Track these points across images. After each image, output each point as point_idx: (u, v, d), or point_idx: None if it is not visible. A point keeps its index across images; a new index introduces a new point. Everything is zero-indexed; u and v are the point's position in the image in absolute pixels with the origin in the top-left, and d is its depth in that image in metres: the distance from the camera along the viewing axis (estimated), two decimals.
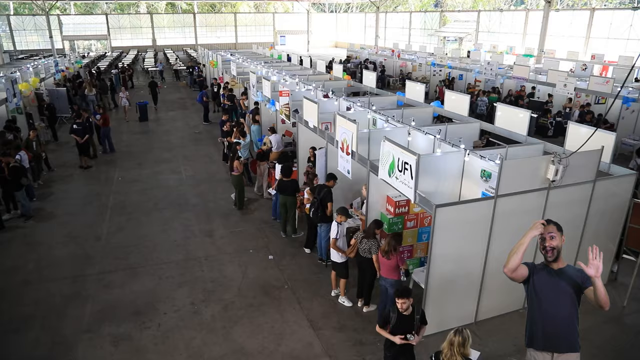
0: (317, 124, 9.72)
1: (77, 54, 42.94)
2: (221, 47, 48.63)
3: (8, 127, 13.95)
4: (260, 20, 70.50)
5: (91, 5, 63.56)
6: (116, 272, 8.73)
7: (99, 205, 11.86)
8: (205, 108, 20.90)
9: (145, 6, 66.05)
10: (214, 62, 24.84)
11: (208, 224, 10.66)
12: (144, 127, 20.60)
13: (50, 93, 20.61)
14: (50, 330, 7.14)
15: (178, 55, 50.11)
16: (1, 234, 10.38)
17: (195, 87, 29.85)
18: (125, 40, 64.11)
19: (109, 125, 16.36)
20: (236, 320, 7.30)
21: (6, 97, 14.75)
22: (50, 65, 24.41)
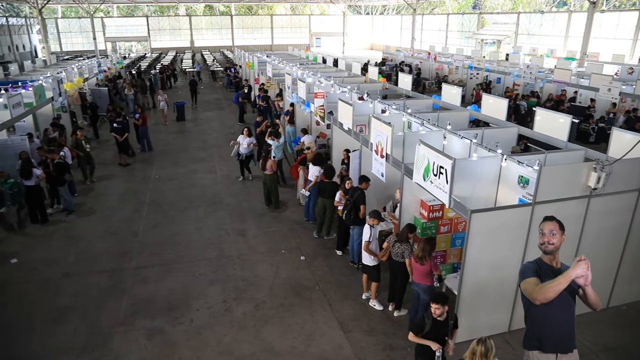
0: (352, 126, 9.71)
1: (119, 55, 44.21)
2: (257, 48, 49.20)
3: (54, 125, 14.53)
4: (296, 22, 70.92)
5: (133, 7, 65.38)
6: (151, 267, 8.95)
7: (136, 202, 12.18)
8: (240, 108, 21.20)
9: (184, 8, 67.44)
10: (250, 64, 25.13)
11: (241, 223, 10.79)
12: (181, 126, 21.05)
13: (93, 92, 21.33)
14: (88, 322, 7.38)
15: (215, 56, 50.94)
16: (45, 227, 10.81)
17: (231, 87, 30.29)
18: (165, 41, 65.62)
19: (147, 125, 16.78)
20: (267, 319, 7.36)
21: (52, 96, 15.33)
22: (94, 66, 25.25)
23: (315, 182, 10.24)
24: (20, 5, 54.22)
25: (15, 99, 12.39)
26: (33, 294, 8.19)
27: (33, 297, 8.08)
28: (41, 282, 8.53)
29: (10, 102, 12.01)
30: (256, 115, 17.61)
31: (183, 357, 6.56)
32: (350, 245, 8.84)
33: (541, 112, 8.95)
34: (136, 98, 23.60)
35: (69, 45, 61.42)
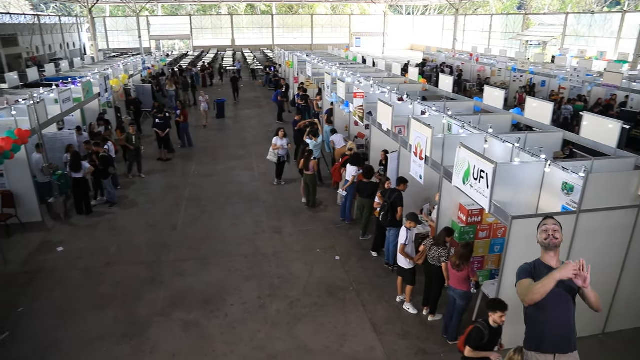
0: (391, 127, 9.64)
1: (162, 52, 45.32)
2: (297, 47, 49.45)
3: (99, 119, 15.04)
4: (337, 22, 70.94)
5: (177, 7, 66.93)
6: (189, 261, 9.14)
7: (175, 196, 12.47)
8: (279, 107, 21.39)
9: (226, 8, 68.56)
10: (290, 63, 25.30)
11: (278, 221, 10.89)
12: (220, 123, 21.41)
13: (137, 89, 21.96)
14: (128, 311, 7.61)
15: (255, 55, 51.52)
16: (89, 218, 11.21)
17: (270, 86, 30.57)
18: (206, 40, 66.84)
19: (188, 121, 17.15)
20: (300, 317, 7.40)
21: (99, 92, 15.87)
22: (138, 63, 25.99)
23: (352, 182, 10.24)
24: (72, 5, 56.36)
25: (65, 94, 12.89)
26: (77, 281, 8.52)
27: (77, 284, 8.41)
28: (85, 271, 8.86)
29: (60, 97, 12.52)
30: (294, 114, 17.73)
31: (217, 350, 6.68)
32: (385, 247, 8.78)
33: (589, 117, 8.64)
34: (177, 95, 24.16)
35: (115, 43, 63.51)
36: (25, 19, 48.35)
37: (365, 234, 9.92)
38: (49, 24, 53.96)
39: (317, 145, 12.18)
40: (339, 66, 20.52)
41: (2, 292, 8.21)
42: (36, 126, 10.63)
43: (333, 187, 12.72)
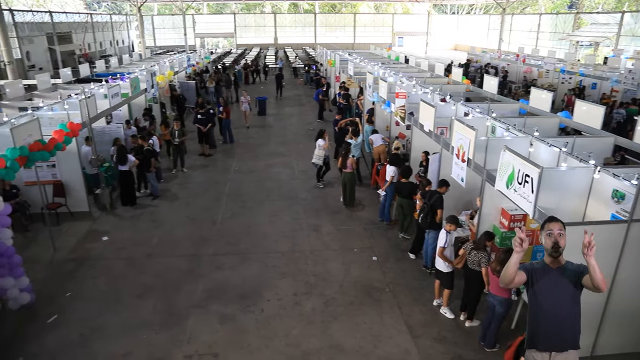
0: (433, 128, 9.51)
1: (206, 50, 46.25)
2: (339, 46, 49.48)
3: (145, 114, 15.50)
4: (379, 21, 70.50)
5: (222, 5, 68.14)
6: (227, 255, 9.30)
7: (216, 191, 12.70)
8: (320, 106, 21.45)
9: (270, 6, 69.28)
10: (332, 62, 25.32)
11: (316, 219, 10.93)
12: (261, 121, 21.66)
13: (181, 85, 22.49)
14: (167, 301, 7.82)
15: (297, 53, 51.84)
16: (133, 209, 11.57)
17: (311, 84, 30.71)
18: (250, 38, 67.74)
19: (230, 118, 17.43)
20: (335, 316, 7.40)
21: (146, 88, 16.35)
22: (183, 60, 26.58)
23: (390, 182, 10.17)
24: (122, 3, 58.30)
25: (114, 89, 13.36)
26: (121, 270, 8.82)
27: (120, 273, 8.70)
28: (128, 260, 9.16)
29: (109, 93, 12.98)
30: (335, 113, 17.73)
31: (252, 344, 6.77)
32: (424, 250, 8.67)
33: None
34: (218, 91, 24.63)
35: (162, 40, 65.23)
36: (80, 17, 50.35)
37: (406, 231, 9.82)
38: (100, 22, 56.00)
39: (357, 145, 12.15)
40: (381, 65, 20.38)
41: (51, 277, 8.60)
42: (86, 120, 11.04)
43: (372, 186, 12.67)
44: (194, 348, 6.70)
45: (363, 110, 16.42)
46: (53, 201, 10.78)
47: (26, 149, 8.14)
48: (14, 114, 11.63)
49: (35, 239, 10.03)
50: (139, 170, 12.21)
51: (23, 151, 8.01)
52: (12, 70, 25.02)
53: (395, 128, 13.45)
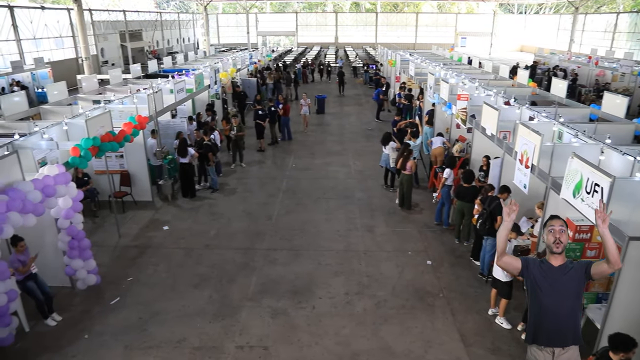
0: (496, 132, 9.21)
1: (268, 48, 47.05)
2: (400, 46, 48.92)
3: (208, 110, 15.99)
4: (442, 21, 69.12)
5: (284, 4, 69.12)
6: (281, 251, 9.43)
7: (273, 187, 12.91)
8: (379, 105, 21.32)
9: (331, 5, 69.55)
10: (393, 62, 25.10)
11: (371, 219, 10.87)
12: (320, 119, 21.79)
13: (243, 82, 23.01)
14: (222, 292, 8.04)
15: (357, 52, 51.73)
16: (193, 201, 11.97)
17: (371, 84, 30.58)
18: (310, 36, 68.34)
19: (289, 116, 17.66)
20: (387, 318, 7.34)
21: (209, 84, 16.86)
22: (246, 58, 27.19)
23: (443, 183, 9.99)
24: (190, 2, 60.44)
25: (179, 85, 13.88)
26: (179, 259, 9.15)
27: (179, 262, 9.03)
28: (186, 250, 9.48)
29: (175, 88, 13.49)
30: (394, 113, 17.55)
31: (302, 340, 6.83)
32: (481, 257, 8.42)
33: None
34: (278, 88, 25.03)
35: (225, 38, 67.07)
36: (150, 16, 52.65)
37: (467, 239, 9.57)
38: (168, 21, 58.31)
39: (415, 147, 11.98)
40: (442, 66, 19.97)
41: (115, 262, 9.06)
42: (153, 113, 11.53)
43: (429, 189, 12.46)
44: (246, 340, 6.85)
45: (424, 111, 16.17)
46: (120, 190, 11.34)
47: (98, 139, 8.60)
48: (88, 106, 12.33)
49: (102, 224, 10.60)
50: (199, 164, 12.61)
51: (95, 141, 8.47)
52: (88, 66, 26.56)
53: (456, 130, 13.15)
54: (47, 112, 12.39)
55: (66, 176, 7.16)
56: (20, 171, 6.82)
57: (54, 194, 6.86)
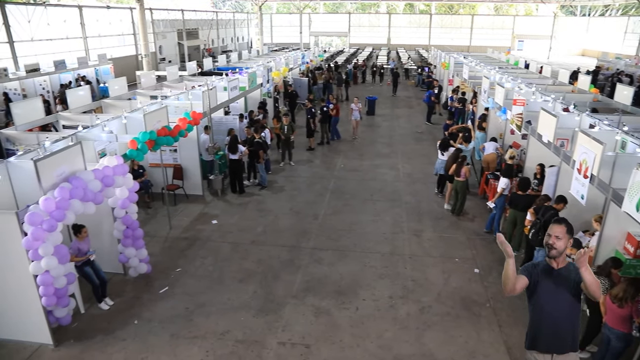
0: (553, 139, 8.87)
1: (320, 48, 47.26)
2: (454, 49, 47.99)
3: (260, 108, 16.25)
4: (499, 23, 67.18)
5: (337, 5, 69.27)
6: (327, 250, 9.45)
7: (320, 187, 12.96)
8: (430, 108, 20.99)
9: (385, 6, 69.07)
10: (446, 64, 24.65)
11: (418, 223, 10.72)
12: (370, 120, 21.68)
13: (295, 82, 23.22)
14: (266, 288, 8.14)
15: (410, 54, 51.13)
16: (241, 197, 12.20)
17: (423, 86, 30.18)
18: (362, 37, 68.18)
19: (339, 116, 17.67)
20: (430, 324, 7.21)
21: (262, 83, 17.12)
22: (298, 58, 27.43)
23: (500, 194, 9.67)
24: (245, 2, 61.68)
25: (233, 82, 14.17)
26: (226, 253, 9.35)
27: (226, 256, 9.22)
28: (233, 245, 9.67)
29: (229, 86, 13.79)
30: (445, 117, 17.24)
31: (344, 341, 6.81)
32: None
33: None
34: (328, 88, 25.10)
35: (278, 37, 67.95)
36: (206, 15, 54.09)
37: (517, 249, 9.27)
38: (224, 20, 59.68)
39: (467, 152, 11.71)
40: (498, 70, 19.42)
41: (165, 252, 9.36)
42: (207, 110, 11.83)
43: (479, 195, 12.15)
44: (288, 336, 6.91)
45: (477, 115, 15.80)
46: (172, 183, 11.70)
47: (155, 133, 8.92)
48: (146, 101, 12.81)
49: (154, 216, 10.98)
50: (249, 161, 12.83)
51: (152, 135, 8.79)
52: (147, 63, 27.57)
53: (510, 136, 12.77)
54: (108, 105, 12.99)
55: (124, 167, 7.45)
56: (83, 161, 7.16)
57: (113, 184, 7.16)
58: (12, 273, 6.37)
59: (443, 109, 22.11)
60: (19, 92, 20.72)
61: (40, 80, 21.90)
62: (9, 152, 9.98)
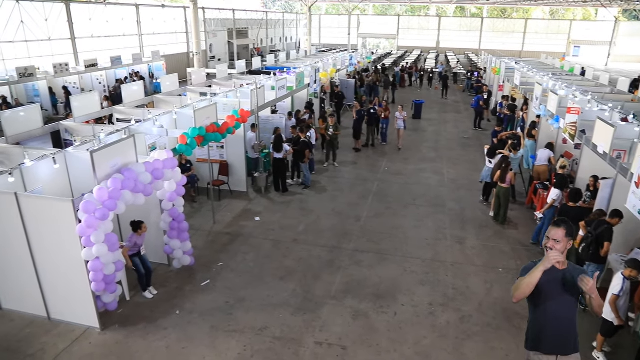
0: (609, 151, 8.49)
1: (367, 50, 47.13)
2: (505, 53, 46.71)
3: (306, 107, 16.37)
4: (554, 28, 64.89)
5: (387, 7, 68.82)
6: (367, 253, 9.41)
7: (363, 189, 12.92)
8: (478, 114, 20.54)
9: (435, 9, 68.07)
10: (497, 69, 24.07)
11: (461, 230, 10.51)
12: (415, 124, 21.42)
13: (341, 83, 23.26)
14: (306, 287, 8.19)
15: (459, 58, 50.19)
16: (284, 196, 12.32)
17: (471, 91, 29.58)
18: (411, 40, 67.46)
19: (388, 118, 17.54)
20: (470, 334, 7.05)
21: (309, 83, 17.25)
22: (345, 59, 27.45)
23: (551, 205, 9.34)
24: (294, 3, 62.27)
25: (281, 82, 14.34)
26: (268, 250, 9.46)
27: (267, 253, 9.34)
28: (275, 242, 9.78)
29: (277, 85, 13.96)
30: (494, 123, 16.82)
31: (381, 345, 6.76)
32: None
33: None
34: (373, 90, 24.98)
35: (326, 38, 68.19)
36: (257, 15, 54.97)
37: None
38: (273, 20, 60.46)
39: (515, 159, 11.39)
40: (551, 76, 18.78)
41: (209, 246, 9.58)
42: (255, 108, 12.01)
43: (527, 205, 11.80)
44: (325, 337, 6.92)
45: (527, 123, 15.33)
46: (218, 178, 11.95)
47: (204, 129, 9.14)
48: (196, 97, 13.15)
49: (199, 210, 11.24)
50: (293, 160, 12.94)
51: (201, 131, 9.01)
52: (198, 60, 28.27)
53: (562, 146, 12.32)
54: (159, 101, 13.42)
55: (173, 161, 7.67)
56: (135, 154, 7.42)
57: (162, 177, 7.38)
58: (66, 258, 6.68)
59: (492, 115, 21.59)
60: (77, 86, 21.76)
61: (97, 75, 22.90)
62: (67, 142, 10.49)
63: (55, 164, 7.68)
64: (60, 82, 21.34)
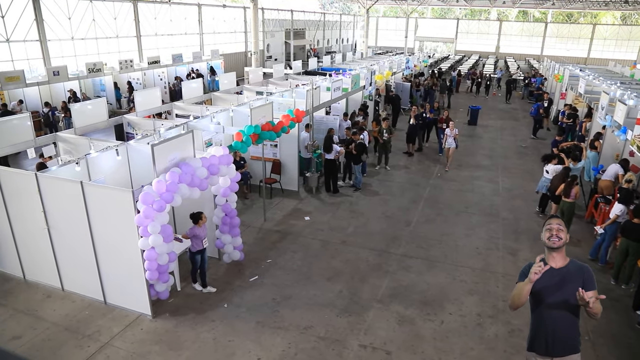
0: None
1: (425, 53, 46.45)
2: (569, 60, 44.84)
3: (361, 109, 16.37)
4: (625, 34, 61.43)
5: (446, 10, 67.56)
6: (416, 259, 9.29)
7: (414, 194, 12.76)
8: (537, 122, 19.80)
9: (496, 13, 66.17)
10: (560, 76, 23.12)
11: (514, 242, 10.17)
12: (471, 130, 20.93)
13: (397, 86, 23.07)
14: (352, 289, 8.19)
15: (519, 64, 48.59)
16: (334, 197, 12.36)
17: (530, 99, 28.57)
18: (470, 44, 65.96)
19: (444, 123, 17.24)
20: (520, 349, 6.81)
21: (364, 85, 17.22)
22: (402, 62, 27.19)
23: (614, 220, 8.88)
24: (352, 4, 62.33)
25: (336, 83, 14.39)
26: (316, 250, 9.53)
27: (315, 253, 9.41)
28: (323, 242, 9.84)
29: (332, 86, 14.02)
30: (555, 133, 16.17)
31: (426, 353, 6.67)
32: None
33: None
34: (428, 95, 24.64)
35: (382, 41, 67.78)
36: (314, 16, 55.45)
37: (627, 282, 8.47)
38: (330, 21, 60.77)
39: (575, 170, 10.90)
40: (619, 85, 17.83)
41: (258, 242, 9.76)
42: (310, 108, 12.12)
43: (586, 219, 11.27)
44: (369, 340, 6.89)
45: (589, 134, 14.63)
46: (270, 176, 12.15)
47: (259, 127, 9.32)
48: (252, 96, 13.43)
49: (251, 206, 11.48)
50: (346, 162, 12.96)
51: (257, 129, 9.20)
52: (255, 60, 28.85)
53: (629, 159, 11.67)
54: (217, 98, 13.81)
55: (229, 158, 7.87)
56: (193, 149, 7.67)
57: (217, 173, 7.60)
58: (124, 246, 7.00)
59: (553, 124, 20.76)
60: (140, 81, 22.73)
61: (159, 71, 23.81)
62: (129, 135, 10.98)
63: (117, 156, 8.07)
64: (124, 78, 22.38)
